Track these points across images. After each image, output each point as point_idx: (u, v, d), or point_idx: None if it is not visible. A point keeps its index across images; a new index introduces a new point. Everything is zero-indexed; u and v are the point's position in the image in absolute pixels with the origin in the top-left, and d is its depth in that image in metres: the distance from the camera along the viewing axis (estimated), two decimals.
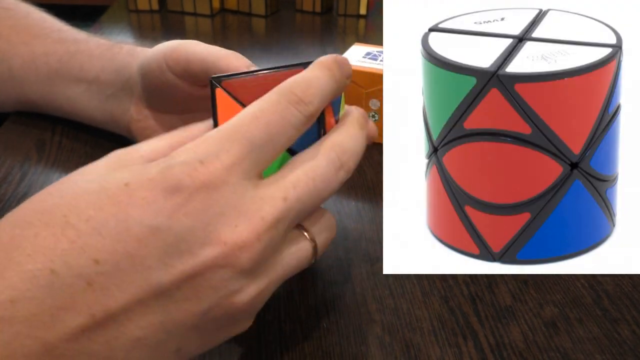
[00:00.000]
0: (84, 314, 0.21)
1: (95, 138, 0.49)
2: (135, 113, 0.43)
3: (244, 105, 0.27)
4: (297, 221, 0.25)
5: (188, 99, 0.39)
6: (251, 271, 0.23)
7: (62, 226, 0.21)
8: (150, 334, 0.22)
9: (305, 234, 0.26)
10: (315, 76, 0.26)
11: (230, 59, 0.34)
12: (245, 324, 0.25)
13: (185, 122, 0.42)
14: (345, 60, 0.28)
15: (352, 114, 0.28)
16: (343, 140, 0.26)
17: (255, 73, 0.27)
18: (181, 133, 0.27)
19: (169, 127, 0.42)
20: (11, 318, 0.20)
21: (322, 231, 0.27)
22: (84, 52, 0.46)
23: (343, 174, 0.26)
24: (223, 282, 0.22)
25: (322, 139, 0.26)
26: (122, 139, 0.49)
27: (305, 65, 0.27)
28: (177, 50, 0.36)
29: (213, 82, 0.28)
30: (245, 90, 0.27)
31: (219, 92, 0.28)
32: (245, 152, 0.23)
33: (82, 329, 0.21)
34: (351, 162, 0.26)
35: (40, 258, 0.20)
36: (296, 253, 0.25)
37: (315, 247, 0.26)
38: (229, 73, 0.28)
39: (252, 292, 0.23)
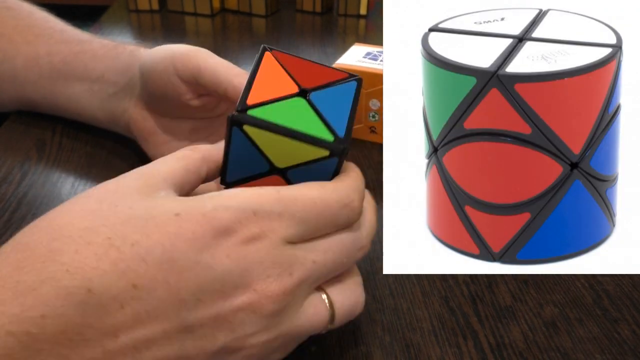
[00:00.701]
0: (109, 335, 0.21)
1: (95, 138, 0.49)
2: (135, 113, 0.43)
3: (288, 72, 0.28)
4: (318, 284, 0.26)
5: (186, 106, 0.39)
6: (269, 320, 0.24)
7: (106, 247, 0.21)
8: (152, 335, 0.22)
9: (325, 300, 0.26)
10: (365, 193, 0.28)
11: (242, 78, 0.34)
12: None
13: (183, 126, 0.42)
14: None
15: (372, 205, 0.29)
16: (369, 228, 0.28)
17: (302, 57, 0.29)
18: (193, 155, 0.27)
19: (167, 130, 0.42)
20: (39, 334, 0.20)
21: (344, 303, 0.27)
22: (88, 52, 0.46)
23: (361, 255, 0.27)
24: (242, 325, 0.23)
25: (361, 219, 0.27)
26: (123, 139, 0.49)
27: (348, 76, 0.28)
28: (188, 55, 0.36)
29: (266, 47, 0.28)
30: (291, 65, 0.28)
31: (268, 56, 0.28)
32: (293, 225, 0.24)
33: (103, 351, 0.21)
34: (369, 246, 0.28)
35: (79, 276, 0.20)
36: (311, 315, 0.26)
37: (332, 315, 0.27)
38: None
39: (262, 338, 0.24)
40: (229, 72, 0.35)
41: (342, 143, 0.26)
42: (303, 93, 0.27)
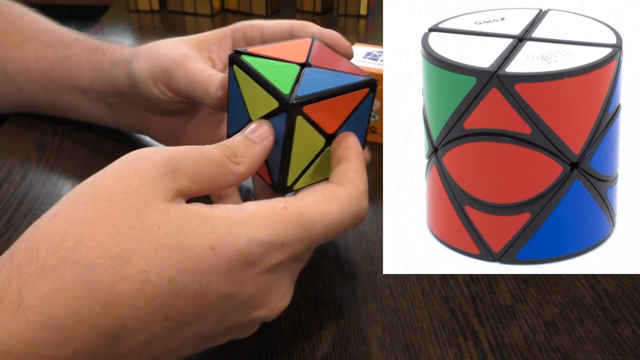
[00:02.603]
0: (133, 355, 0.22)
1: (96, 138, 0.49)
2: (147, 122, 0.43)
3: (317, 128, 0.28)
4: None
5: (193, 107, 0.40)
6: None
7: (142, 283, 0.21)
8: (171, 347, 0.23)
9: None
10: None
11: (213, 84, 0.34)
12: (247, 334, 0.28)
13: (205, 119, 0.41)
14: None
15: None
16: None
17: (270, 45, 0.30)
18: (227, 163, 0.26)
19: (187, 128, 0.42)
20: None
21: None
22: (73, 58, 0.45)
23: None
24: (250, 329, 0.27)
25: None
26: (123, 140, 0.49)
27: (367, 88, 0.29)
28: (173, 80, 0.36)
29: (291, 107, 0.27)
30: (318, 115, 0.28)
31: (300, 121, 0.28)
32: (311, 245, 0.26)
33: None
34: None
35: (115, 314, 0.20)
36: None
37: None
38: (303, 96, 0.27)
39: (251, 333, 0.27)
40: (202, 82, 0.34)
41: (290, 99, 0.27)
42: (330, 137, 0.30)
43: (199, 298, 0.22)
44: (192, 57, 0.36)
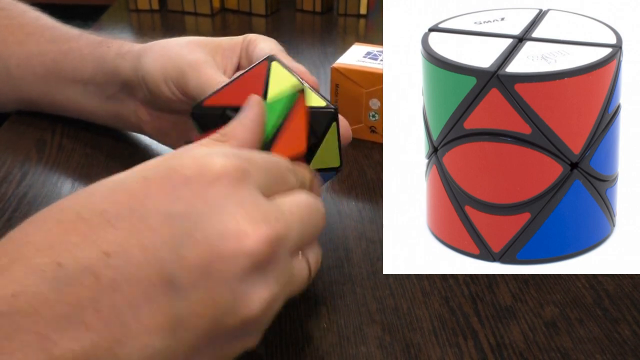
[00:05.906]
0: (89, 309, 0.19)
1: (96, 137, 0.49)
2: (143, 115, 0.43)
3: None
4: (300, 243, 0.25)
5: None
6: (263, 268, 0.22)
7: (74, 221, 0.21)
8: (158, 340, 0.21)
9: (303, 261, 0.26)
10: None
11: None
12: (254, 339, 0.24)
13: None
14: None
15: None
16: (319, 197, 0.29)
17: (226, 84, 0.30)
18: None
19: (182, 126, 0.42)
20: (12, 313, 0.19)
21: (313, 257, 0.27)
22: (76, 51, 0.46)
23: (322, 224, 0.27)
24: (236, 278, 0.21)
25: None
26: (123, 140, 0.49)
27: (268, 59, 0.31)
28: (186, 82, 0.37)
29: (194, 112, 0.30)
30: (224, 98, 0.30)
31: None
32: (262, 172, 0.24)
33: (86, 327, 0.19)
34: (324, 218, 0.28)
35: (48, 252, 0.20)
36: (300, 272, 0.26)
37: (309, 270, 0.27)
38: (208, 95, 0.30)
39: (264, 295, 0.22)
40: (212, 90, 0.35)
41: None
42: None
43: (135, 223, 0.20)
44: (207, 63, 0.37)
